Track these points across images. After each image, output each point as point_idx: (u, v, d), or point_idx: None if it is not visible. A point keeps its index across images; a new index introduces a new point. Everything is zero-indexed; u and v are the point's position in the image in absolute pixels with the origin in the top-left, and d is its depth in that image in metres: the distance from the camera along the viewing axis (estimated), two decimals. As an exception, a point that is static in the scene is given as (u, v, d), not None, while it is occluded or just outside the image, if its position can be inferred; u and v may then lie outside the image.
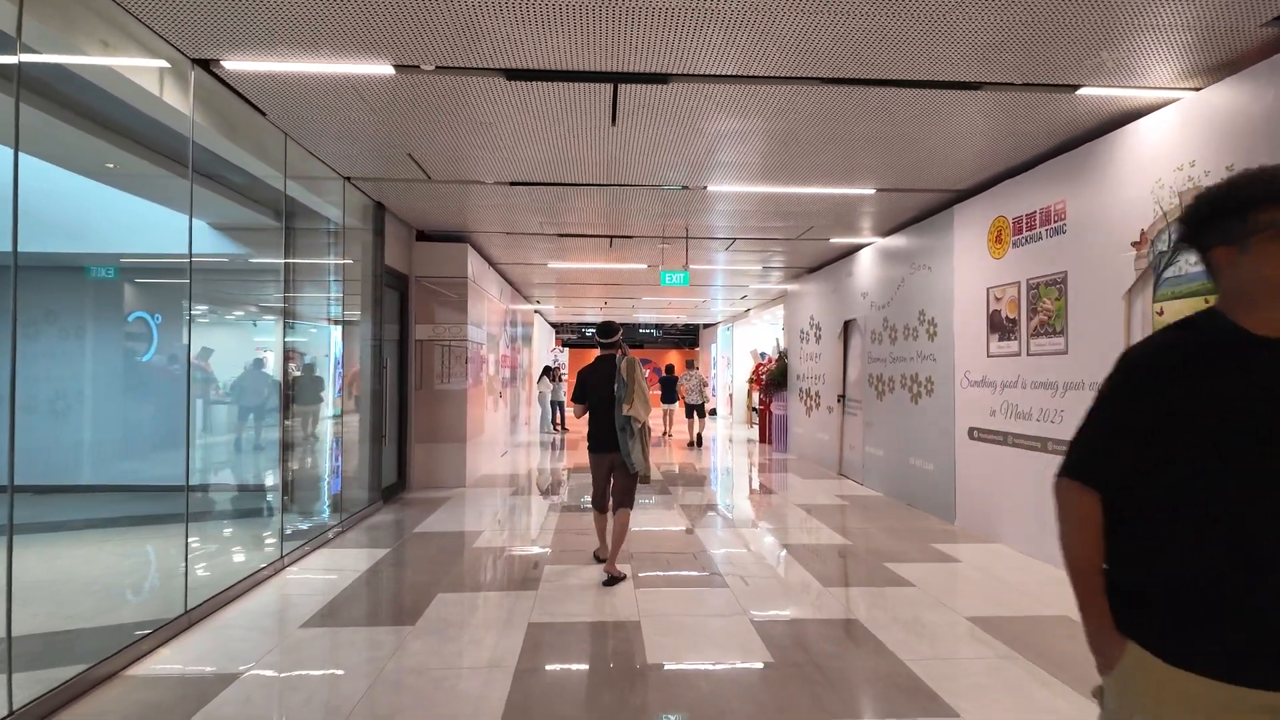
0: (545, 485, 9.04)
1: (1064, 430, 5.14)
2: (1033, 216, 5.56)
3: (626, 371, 4.90)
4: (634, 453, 4.85)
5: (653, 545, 5.85)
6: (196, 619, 4.02)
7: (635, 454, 4.86)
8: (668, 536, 6.18)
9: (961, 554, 5.62)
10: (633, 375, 4.91)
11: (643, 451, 4.91)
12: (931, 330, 7.20)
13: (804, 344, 11.60)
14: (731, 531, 6.39)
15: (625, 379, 4.88)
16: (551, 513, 7.18)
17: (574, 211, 7.58)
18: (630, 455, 4.84)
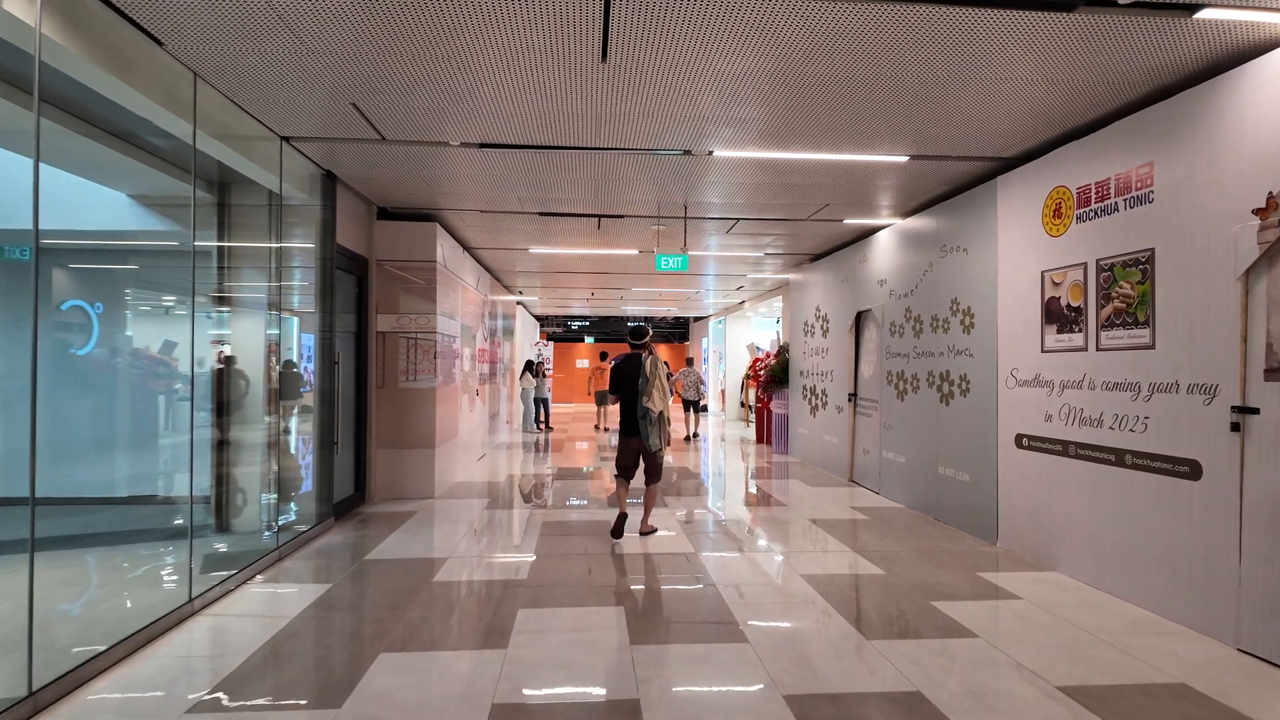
0: (528, 492, 8.07)
1: (1149, 440, 4.24)
2: (1105, 185, 4.64)
3: (650, 369, 5.77)
4: (651, 436, 5.77)
5: (652, 577, 4.90)
6: (47, 702, 3.02)
7: (652, 437, 5.78)
8: (668, 564, 5.23)
9: (1017, 587, 4.71)
10: (654, 372, 5.78)
11: (659, 435, 5.80)
12: (967, 321, 6.28)
13: (808, 337, 10.68)
14: (742, 557, 5.45)
15: (648, 375, 5.77)
16: (532, 530, 6.21)
17: (558, 185, 6.59)
18: (648, 439, 5.77)
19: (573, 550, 5.56)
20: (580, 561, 5.25)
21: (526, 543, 5.82)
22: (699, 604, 4.34)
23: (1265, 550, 3.50)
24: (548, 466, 10.35)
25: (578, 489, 8.34)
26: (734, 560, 5.34)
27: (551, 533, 6.15)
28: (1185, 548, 3.97)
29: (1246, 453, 3.61)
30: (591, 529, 6.28)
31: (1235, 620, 3.65)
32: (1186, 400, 3.98)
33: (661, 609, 4.26)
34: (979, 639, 3.80)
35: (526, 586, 4.67)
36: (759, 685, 3.23)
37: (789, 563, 5.28)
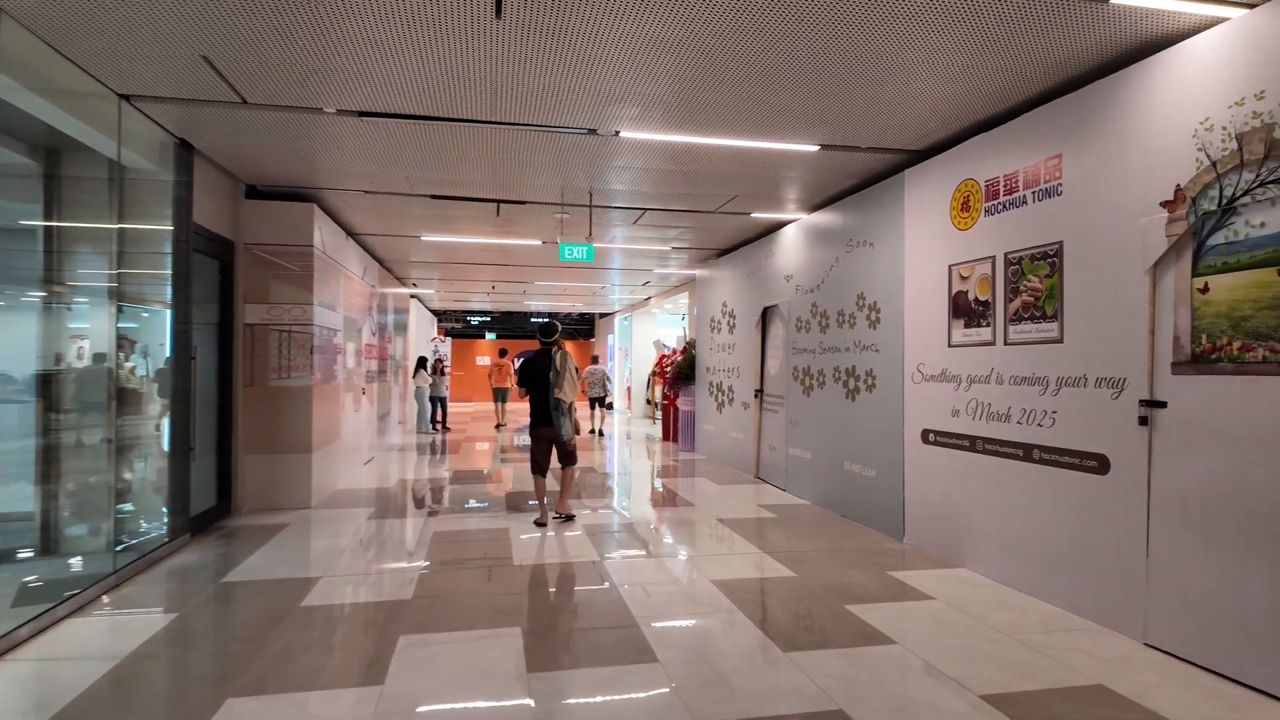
0: (421, 497, 7.47)
1: (1057, 435, 4.21)
2: (1013, 178, 4.61)
3: (560, 363, 6.15)
4: (564, 427, 6.17)
5: (554, 590, 4.49)
6: None
7: (565, 428, 6.18)
8: (572, 574, 4.84)
9: (928, 585, 4.61)
10: (564, 366, 6.16)
11: (571, 425, 6.23)
12: (874, 317, 6.21)
13: (715, 334, 10.53)
14: (649, 563, 5.13)
15: (559, 369, 6.13)
16: (422, 541, 5.67)
17: (452, 164, 6.06)
18: (561, 429, 6.16)
19: (468, 562, 5.08)
20: (475, 575, 4.78)
21: (415, 556, 5.28)
22: (605, 619, 3.98)
23: (1172, 544, 3.49)
24: (444, 469, 9.72)
25: (476, 492, 7.81)
26: (641, 566, 5.01)
27: (444, 543, 5.63)
28: (1093, 543, 3.95)
29: (1154, 446, 3.60)
30: (490, 538, 5.81)
31: (1143, 615, 3.64)
32: (1095, 394, 3.95)
33: (564, 627, 3.87)
34: (897, 645, 3.62)
35: (412, 608, 4.16)
36: (672, 713, 2.90)
37: (699, 567, 5.00)
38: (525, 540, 5.72)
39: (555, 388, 6.10)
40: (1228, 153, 3.25)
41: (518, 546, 5.54)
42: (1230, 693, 3.09)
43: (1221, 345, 3.27)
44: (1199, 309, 3.39)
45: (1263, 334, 3.09)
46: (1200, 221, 3.39)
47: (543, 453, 6.31)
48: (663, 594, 4.42)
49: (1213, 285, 3.33)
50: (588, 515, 6.73)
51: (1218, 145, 3.30)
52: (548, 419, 6.17)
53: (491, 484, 8.45)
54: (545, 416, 6.19)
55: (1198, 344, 3.39)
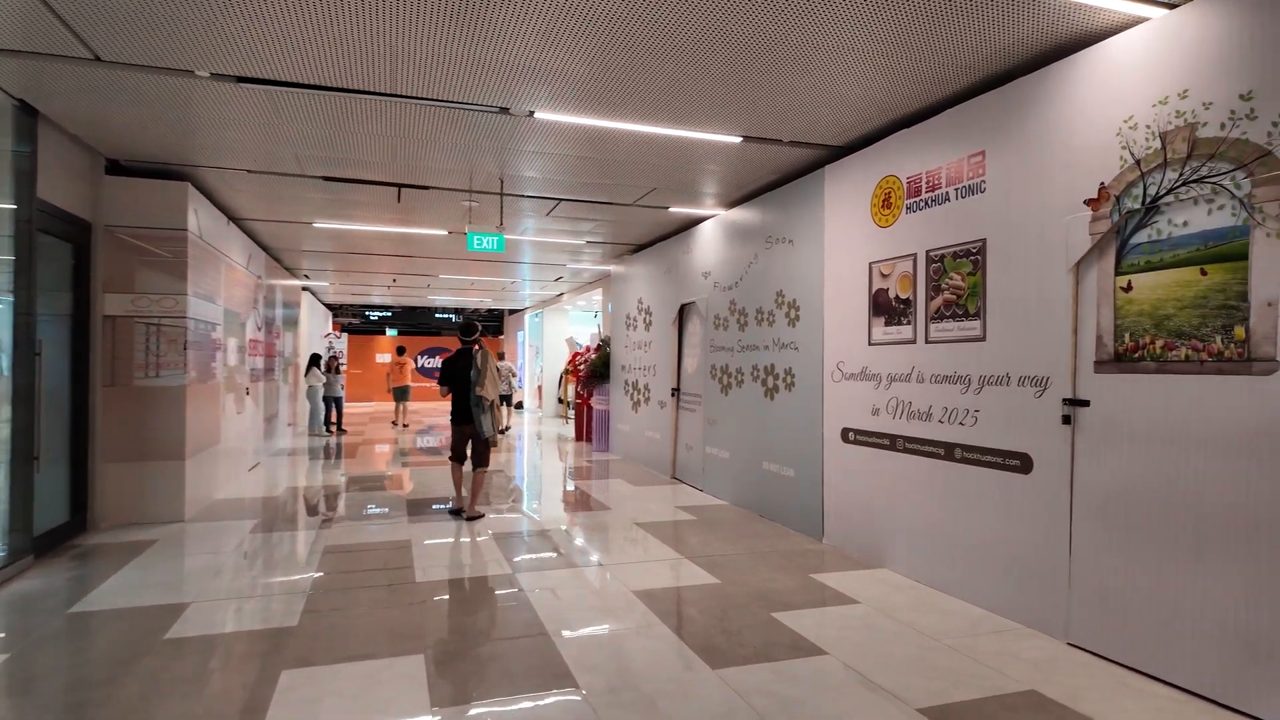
0: (313, 506, 6.85)
1: (979, 434, 4.19)
2: (936, 174, 4.57)
3: (481, 362, 6.35)
4: (485, 424, 6.36)
5: (461, 608, 4.11)
6: None
7: (485, 425, 6.37)
8: (482, 589, 4.46)
9: (852, 588, 4.52)
10: (485, 365, 6.36)
11: (491, 423, 6.43)
12: (793, 314, 6.12)
13: (631, 331, 10.29)
14: (565, 574, 4.82)
15: (480, 367, 6.33)
16: (313, 556, 5.13)
17: (347, 142, 5.53)
18: (482, 426, 6.35)
19: (364, 579, 4.61)
20: (373, 594, 4.33)
21: (304, 574, 4.76)
22: (519, 640, 3.64)
23: (1095, 543, 3.49)
24: (338, 474, 9.04)
25: (374, 499, 7.25)
26: (557, 578, 4.69)
27: (338, 558, 5.12)
28: (1016, 543, 3.93)
29: (1077, 445, 3.60)
30: (390, 550, 5.33)
31: (1066, 615, 3.63)
32: (1018, 393, 3.94)
33: (474, 652, 3.50)
34: (829, 656, 3.47)
35: (299, 635, 3.69)
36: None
37: (618, 576, 4.73)
38: (430, 551, 5.29)
39: (476, 385, 6.30)
40: (1151, 151, 3.26)
41: (421, 559, 5.11)
42: (1156, 692, 3.09)
43: (1144, 344, 3.28)
44: (1122, 308, 3.40)
45: (1185, 333, 3.11)
46: (1124, 220, 3.39)
47: (462, 443, 6.62)
48: (581, 608, 4.12)
49: (1136, 284, 3.34)
50: (498, 521, 6.33)
51: (1142, 144, 3.30)
52: (469, 415, 6.41)
53: (391, 489, 7.89)
54: (466, 413, 6.43)
55: (1121, 342, 3.40)
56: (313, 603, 4.18)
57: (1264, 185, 2.83)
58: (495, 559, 5.16)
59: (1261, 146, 2.84)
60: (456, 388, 6.50)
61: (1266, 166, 2.82)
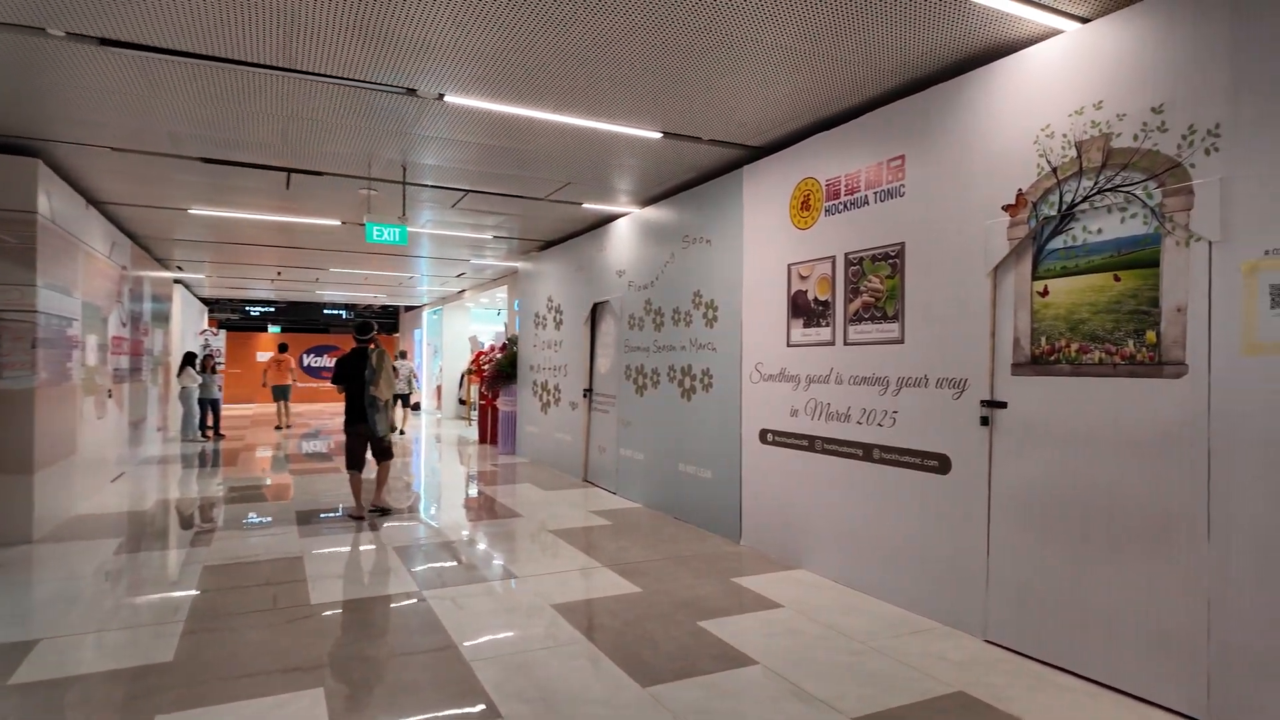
0: (188, 519, 6.18)
1: (897, 435, 4.23)
2: (855, 177, 4.60)
3: (376, 361, 6.26)
4: (380, 423, 6.32)
5: (363, 633, 3.75)
6: None
7: (380, 424, 6.33)
8: (385, 610, 4.11)
9: (774, 591, 4.48)
10: (381, 364, 6.27)
11: (386, 422, 6.38)
12: (710, 315, 6.06)
13: (540, 330, 10.00)
14: (478, 589, 4.52)
15: (375, 367, 6.25)
16: (188, 578, 4.59)
17: (230, 120, 5.00)
18: (376, 425, 6.30)
19: (250, 602, 4.16)
20: (261, 620, 3.90)
21: (178, 600, 4.25)
22: (431, 667, 3.35)
23: (1012, 542, 3.57)
24: (217, 483, 8.27)
25: (259, 510, 6.64)
26: (468, 593, 4.40)
27: (219, 578, 4.61)
28: (935, 542, 3.99)
29: (995, 446, 3.67)
30: (278, 568, 4.86)
31: (984, 613, 3.70)
32: (936, 395, 4.00)
33: (380, 682, 3.19)
34: (759, 665, 3.38)
35: (174, 673, 3.24)
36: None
37: (535, 590, 4.49)
38: (324, 566, 4.86)
39: (371, 385, 6.24)
40: (1067, 160, 3.35)
41: (315, 575, 4.68)
42: (1074, 687, 3.17)
43: (1060, 347, 3.37)
44: (1038, 311, 3.49)
45: (1099, 336, 3.21)
46: (1040, 226, 3.48)
47: (358, 448, 6.45)
48: (497, 626, 3.86)
49: (1052, 289, 3.43)
50: (399, 531, 5.93)
51: (1058, 152, 3.40)
52: (363, 415, 6.32)
53: (278, 498, 7.28)
54: (361, 413, 6.33)
55: (1037, 345, 3.49)
56: (191, 632, 3.71)
57: (1174, 195, 2.94)
58: (398, 573, 4.80)
59: (1172, 158, 2.95)
60: (351, 388, 6.37)
61: (1176, 177, 2.94)
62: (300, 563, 5.01)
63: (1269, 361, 2.66)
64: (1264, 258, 2.67)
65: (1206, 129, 2.84)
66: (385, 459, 6.59)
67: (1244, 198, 2.73)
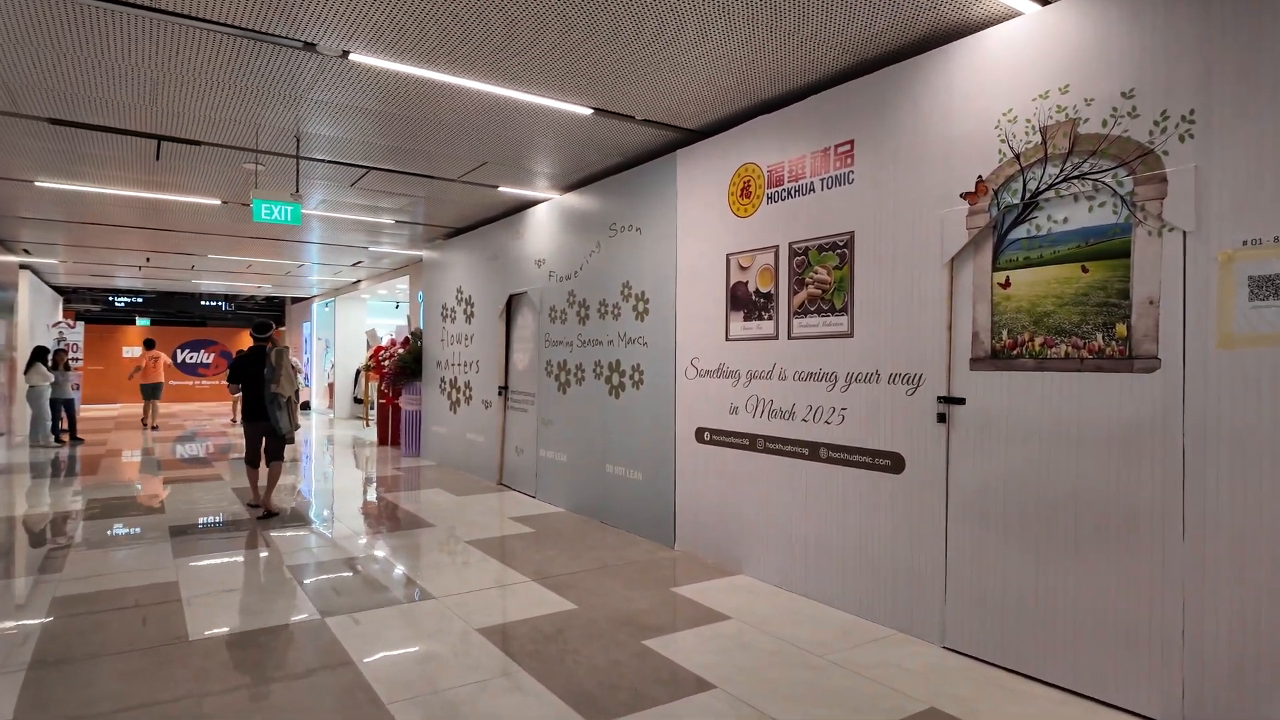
0: (38, 538, 5.27)
1: (847, 433, 4.04)
2: (800, 163, 4.38)
3: (275, 359, 6.24)
4: (281, 420, 6.23)
5: (260, 670, 3.18)
6: None
7: (282, 421, 6.24)
8: (281, 644, 3.54)
9: (718, 601, 4.20)
10: (280, 362, 6.24)
11: (288, 418, 6.27)
12: (641, 308, 5.73)
13: (448, 323, 9.36)
14: (392, 614, 4.01)
15: (274, 365, 6.21)
16: (33, 608, 3.82)
17: (86, 72, 4.22)
18: (278, 422, 6.23)
19: (113, 642, 3.48)
20: (127, 667, 3.25)
21: (21, 644, 3.51)
22: (335, 710, 2.85)
23: (971, 543, 3.44)
24: (73, 495, 7.23)
25: (124, 526, 5.78)
26: (380, 620, 3.88)
27: (74, 615, 3.87)
28: (888, 544, 3.82)
29: (952, 444, 3.53)
30: (149, 599, 4.15)
31: (941, 618, 3.56)
32: (888, 391, 3.82)
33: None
34: (717, 689, 3.08)
35: (5, 745, 2.60)
36: None
37: (458, 612, 4.02)
38: (205, 593, 4.20)
39: (272, 382, 6.23)
40: (1031, 145, 3.23)
41: (194, 605, 4.02)
42: (1039, 694, 3.05)
43: (1023, 341, 3.25)
44: (1000, 304, 3.36)
45: (1065, 330, 3.09)
46: (1002, 215, 3.35)
47: (256, 444, 6.48)
48: (418, 660, 3.39)
49: (1014, 280, 3.30)
50: (293, 545, 5.28)
51: (1021, 137, 3.26)
52: (262, 413, 6.34)
53: (147, 512, 6.39)
54: (260, 410, 6.35)
55: (998, 339, 3.35)
56: (35, 685, 3.03)
57: (1146, 184, 2.85)
58: (294, 598, 4.20)
59: (1143, 145, 2.85)
60: (249, 386, 6.37)
61: (1148, 165, 2.84)
62: (174, 589, 4.32)
63: (1245, 355, 2.59)
64: (1241, 248, 2.60)
65: (1180, 115, 2.75)
66: (277, 459, 6.44)
67: (1219, 186, 2.65)
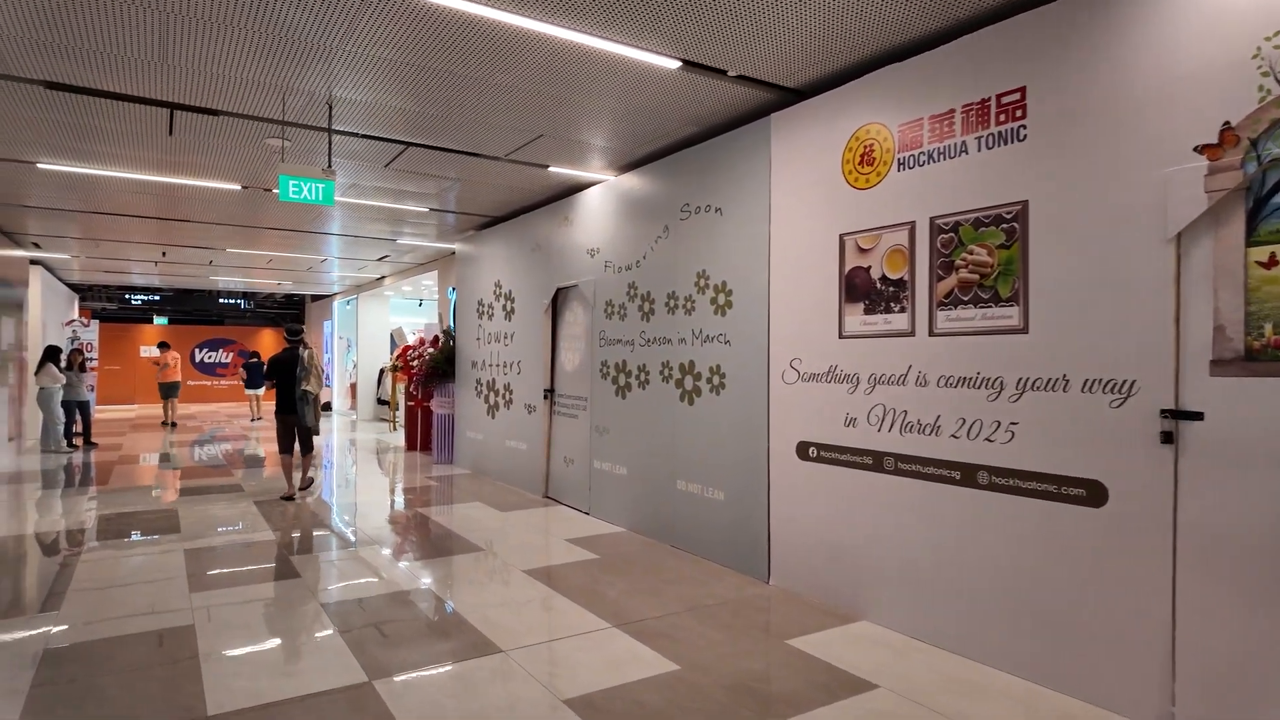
0: (45, 568, 4.57)
1: (1017, 454, 3.25)
2: (945, 120, 3.58)
3: (308, 360, 7.02)
4: (308, 416, 7.00)
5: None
6: None
7: (309, 417, 7.01)
8: (318, 711, 2.80)
9: (848, 659, 3.42)
10: (311, 362, 7.04)
11: (315, 414, 7.07)
12: (721, 300, 4.95)
13: (485, 320, 8.62)
14: (456, 675, 3.26)
15: (306, 365, 7.00)
16: (21, 672, 3.11)
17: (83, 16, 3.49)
18: (306, 417, 7.00)
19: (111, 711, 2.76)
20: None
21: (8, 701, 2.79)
22: (411, 847, 2.10)
23: (1212, 601, 2.63)
24: (86, 507, 6.56)
25: (138, 550, 5.07)
26: (441, 686, 3.13)
27: (65, 680, 3.15)
28: (1079, 596, 3.02)
29: (1183, 471, 2.72)
30: (162, 650, 3.43)
31: (1164, 694, 2.75)
32: (1082, 401, 3.02)
33: None
34: (903, 804, 2.30)
35: None
36: None
37: (530, 669, 3.26)
38: (228, 644, 3.46)
39: (303, 381, 6.89)
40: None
41: (214, 663, 3.29)
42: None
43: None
44: (1257, 290, 2.55)
45: (1380, 323, 2.29)
46: (1261, 173, 2.54)
47: (287, 435, 7.13)
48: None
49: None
50: (331, 578, 4.55)
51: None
52: (293, 408, 7.00)
53: (164, 531, 5.68)
54: (290, 405, 7.01)
55: (1256, 335, 2.55)
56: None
57: None
58: (333, 651, 3.46)
59: None
60: (282, 383, 7.05)
61: None
62: (191, 637, 3.60)
63: None
64: None
65: None
66: (309, 451, 7.26)
67: None
